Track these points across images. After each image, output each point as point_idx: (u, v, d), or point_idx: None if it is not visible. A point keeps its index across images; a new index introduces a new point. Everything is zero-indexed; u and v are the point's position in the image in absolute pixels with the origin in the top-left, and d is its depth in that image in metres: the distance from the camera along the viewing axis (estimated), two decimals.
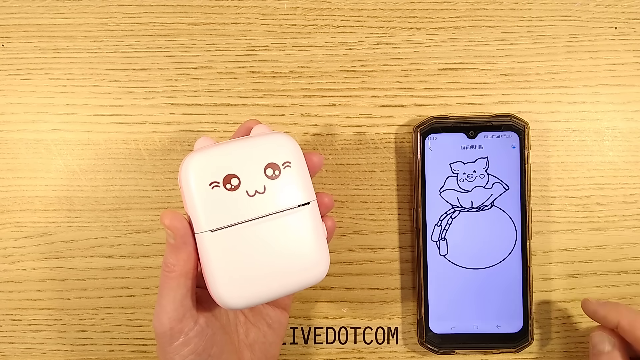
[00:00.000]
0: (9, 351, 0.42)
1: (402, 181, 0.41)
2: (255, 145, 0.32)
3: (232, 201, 0.31)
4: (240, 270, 0.31)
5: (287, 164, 0.32)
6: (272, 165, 0.32)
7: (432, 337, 0.40)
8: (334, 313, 0.42)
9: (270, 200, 0.31)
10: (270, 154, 0.32)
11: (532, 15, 0.41)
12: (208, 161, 0.31)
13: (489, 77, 0.41)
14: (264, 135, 0.33)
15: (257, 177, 0.31)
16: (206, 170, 0.31)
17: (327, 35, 0.42)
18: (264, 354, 0.36)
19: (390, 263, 0.41)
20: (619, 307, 0.36)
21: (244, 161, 0.31)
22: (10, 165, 0.42)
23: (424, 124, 0.40)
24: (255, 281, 0.31)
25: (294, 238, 0.32)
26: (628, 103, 0.41)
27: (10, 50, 0.42)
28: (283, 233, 0.32)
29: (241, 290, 0.31)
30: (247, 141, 0.32)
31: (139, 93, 0.42)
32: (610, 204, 0.41)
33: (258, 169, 0.32)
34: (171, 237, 0.31)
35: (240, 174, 0.31)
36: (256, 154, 0.32)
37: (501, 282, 0.40)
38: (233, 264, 0.31)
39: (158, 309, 0.32)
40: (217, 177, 0.31)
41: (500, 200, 0.39)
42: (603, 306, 0.36)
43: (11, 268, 0.42)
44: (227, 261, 0.31)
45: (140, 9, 0.42)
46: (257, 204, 0.31)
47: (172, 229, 0.31)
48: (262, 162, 0.32)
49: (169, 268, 0.31)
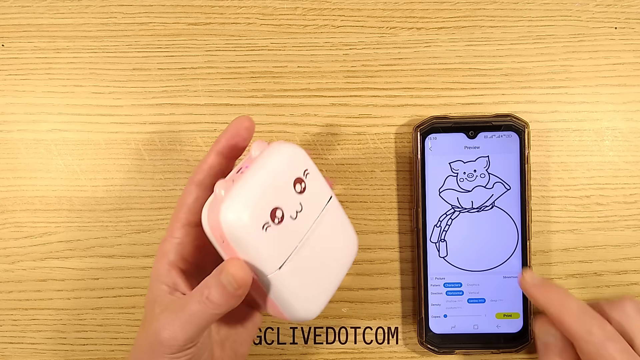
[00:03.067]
0: (9, 351, 0.42)
1: (402, 181, 0.41)
2: (275, 167, 0.31)
3: (284, 233, 0.31)
4: (309, 287, 0.32)
5: (306, 172, 0.32)
6: (298, 180, 0.32)
7: (432, 337, 0.40)
8: (334, 313, 0.42)
9: (308, 211, 0.32)
10: (291, 170, 0.32)
11: (532, 15, 0.41)
12: (247, 205, 0.30)
13: (489, 77, 0.41)
14: (274, 153, 0.32)
15: (292, 198, 0.31)
16: (252, 215, 0.30)
17: (327, 35, 0.42)
18: (234, 352, 0.36)
19: (390, 263, 0.41)
20: (548, 292, 0.35)
21: (275, 188, 0.31)
22: (10, 165, 0.42)
23: (424, 124, 0.40)
24: (322, 286, 0.33)
25: (336, 230, 0.34)
26: (628, 103, 0.41)
27: (10, 50, 0.42)
28: (326, 231, 0.33)
29: (315, 301, 0.33)
30: (265, 166, 0.31)
31: (139, 93, 0.42)
32: (610, 204, 0.41)
33: (289, 190, 0.31)
34: (232, 286, 0.30)
35: (280, 203, 0.31)
36: (280, 176, 0.31)
37: (501, 282, 0.40)
38: (302, 284, 0.32)
39: (177, 327, 0.31)
40: (264, 217, 0.30)
41: (501, 201, 0.39)
42: (534, 288, 0.35)
43: (11, 268, 0.42)
44: (298, 286, 0.32)
45: (140, 9, 0.42)
46: (301, 221, 0.31)
47: (239, 281, 0.30)
48: (289, 182, 0.31)
49: (213, 305, 0.30)
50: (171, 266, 0.33)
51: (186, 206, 0.33)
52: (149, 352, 0.31)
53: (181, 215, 0.33)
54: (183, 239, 0.33)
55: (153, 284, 0.33)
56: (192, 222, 0.34)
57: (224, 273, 0.30)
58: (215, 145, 0.34)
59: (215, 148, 0.34)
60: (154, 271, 0.33)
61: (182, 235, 0.33)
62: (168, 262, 0.33)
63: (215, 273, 0.30)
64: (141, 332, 0.33)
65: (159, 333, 0.31)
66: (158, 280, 0.33)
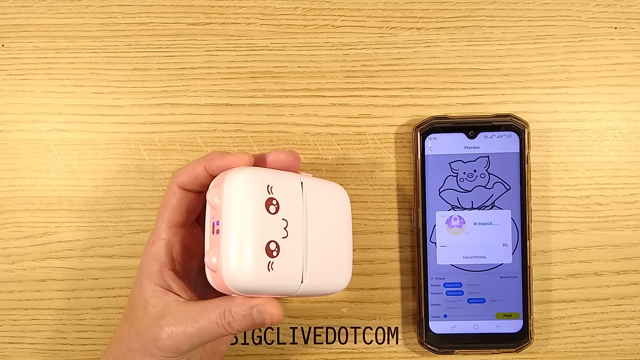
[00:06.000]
0: (9, 351, 0.42)
1: (402, 181, 0.41)
2: (242, 206, 0.31)
3: (288, 254, 0.31)
4: (332, 267, 0.34)
5: (269, 187, 0.31)
6: (269, 202, 0.31)
7: (432, 337, 0.40)
8: (334, 313, 0.42)
9: (294, 217, 0.32)
10: (256, 198, 0.31)
11: (532, 15, 0.41)
12: (244, 260, 0.30)
13: (489, 77, 0.41)
14: (232, 194, 0.31)
15: (274, 222, 0.31)
16: (253, 266, 0.30)
17: (327, 35, 0.42)
18: (213, 350, 0.36)
19: (390, 263, 0.41)
20: None
21: (255, 226, 0.30)
22: (10, 165, 0.42)
23: (424, 124, 0.40)
24: (341, 255, 0.35)
25: (324, 202, 0.34)
26: (628, 103, 0.41)
27: (10, 50, 0.42)
28: (318, 212, 0.33)
29: (342, 271, 0.35)
30: (234, 213, 0.30)
31: (139, 93, 0.42)
32: (610, 204, 0.41)
33: (267, 217, 0.31)
34: (263, 322, 0.30)
35: (268, 235, 0.31)
36: (252, 212, 0.31)
37: (501, 282, 0.40)
38: (326, 271, 0.33)
39: (184, 338, 0.31)
40: (263, 259, 0.30)
41: (501, 201, 0.39)
42: None
43: (11, 268, 0.42)
44: (323, 276, 0.33)
45: (140, 9, 0.42)
46: (294, 231, 0.32)
47: (275, 321, 0.31)
48: (263, 211, 0.31)
49: (232, 330, 0.31)
50: (162, 267, 0.33)
51: (171, 207, 0.33)
52: (141, 351, 0.32)
53: (166, 215, 0.33)
54: (171, 239, 0.33)
55: (144, 284, 0.33)
56: (178, 223, 0.34)
57: (257, 311, 0.30)
58: (208, 163, 0.32)
59: (205, 164, 0.32)
60: (143, 272, 0.33)
61: (169, 236, 0.33)
62: (159, 264, 0.33)
63: (240, 303, 0.30)
64: (128, 329, 0.33)
65: (160, 339, 0.31)
66: (150, 280, 0.33)
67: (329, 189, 0.35)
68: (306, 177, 0.33)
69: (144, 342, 0.31)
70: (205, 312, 0.31)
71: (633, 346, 0.41)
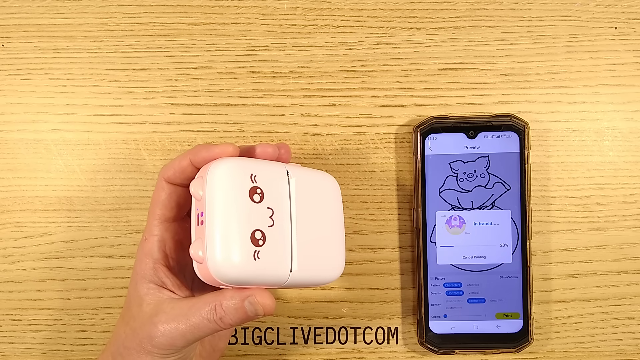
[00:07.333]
0: (9, 351, 0.42)
1: (402, 181, 0.41)
2: (226, 197, 0.30)
3: (275, 243, 0.31)
4: (324, 255, 0.33)
5: (253, 175, 0.31)
6: (252, 191, 0.31)
7: (432, 337, 0.40)
8: (334, 313, 0.42)
9: (280, 206, 0.32)
10: (240, 187, 0.31)
11: (532, 15, 0.41)
12: (230, 250, 0.30)
13: (489, 77, 0.41)
14: (215, 184, 0.30)
15: (258, 210, 0.31)
16: (239, 256, 0.30)
17: (327, 35, 0.42)
18: (212, 347, 0.36)
19: (390, 263, 0.41)
20: None
21: (240, 216, 0.30)
22: (10, 165, 0.42)
23: (424, 124, 0.40)
24: (333, 242, 0.34)
25: (312, 190, 0.33)
26: (628, 103, 0.41)
27: (10, 50, 0.42)
28: (306, 201, 0.33)
29: (335, 258, 0.34)
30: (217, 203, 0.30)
31: (139, 93, 0.42)
32: (610, 204, 0.41)
33: (251, 206, 0.31)
34: (255, 314, 0.30)
35: (252, 224, 0.30)
36: (235, 202, 0.30)
37: (501, 282, 0.40)
38: (317, 259, 0.33)
39: (177, 335, 0.31)
40: (249, 248, 0.30)
41: (501, 201, 0.39)
42: None
43: (11, 268, 0.42)
44: (315, 264, 0.33)
45: (140, 9, 0.42)
46: (280, 219, 0.32)
47: (268, 311, 0.30)
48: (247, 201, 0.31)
49: (225, 325, 0.31)
50: (156, 264, 0.33)
51: (160, 202, 0.33)
52: (137, 349, 0.32)
53: (157, 211, 0.33)
54: (163, 235, 0.33)
55: (139, 282, 0.33)
56: (169, 218, 0.34)
57: (249, 302, 0.30)
58: (194, 155, 0.32)
59: (191, 156, 0.32)
60: (138, 270, 0.33)
61: (162, 232, 0.33)
62: (153, 260, 0.33)
63: (230, 296, 0.30)
64: (124, 327, 0.33)
65: (155, 337, 0.31)
66: (144, 278, 0.33)
67: (317, 178, 0.34)
68: (293, 166, 0.33)
69: (139, 340, 0.31)
70: (195, 309, 0.31)
71: (633, 346, 0.41)
